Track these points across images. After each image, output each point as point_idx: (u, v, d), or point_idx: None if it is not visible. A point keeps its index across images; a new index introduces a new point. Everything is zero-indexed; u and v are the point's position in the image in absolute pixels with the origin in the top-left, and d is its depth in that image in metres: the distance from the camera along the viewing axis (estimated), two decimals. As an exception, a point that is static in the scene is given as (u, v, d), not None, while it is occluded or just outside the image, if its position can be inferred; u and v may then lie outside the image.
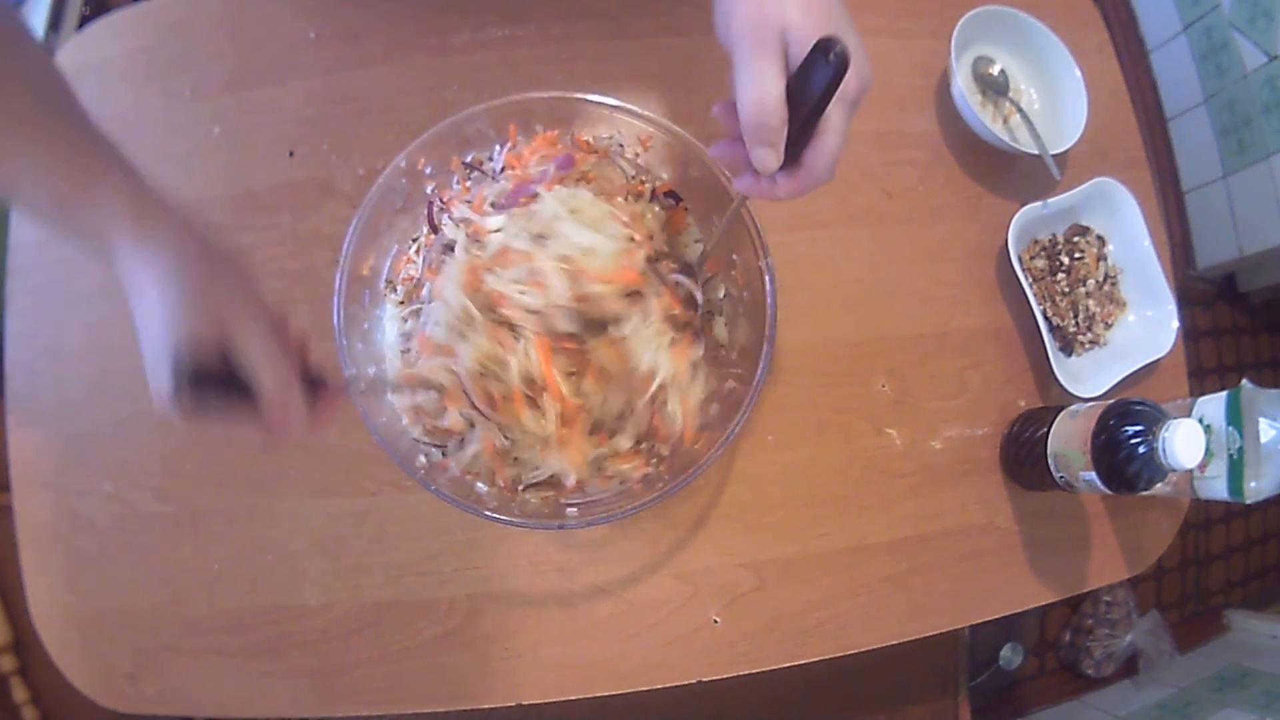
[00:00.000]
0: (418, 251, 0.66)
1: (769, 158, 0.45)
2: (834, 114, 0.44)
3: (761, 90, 0.42)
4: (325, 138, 0.74)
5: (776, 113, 0.43)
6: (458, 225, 0.61)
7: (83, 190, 0.44)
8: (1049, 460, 0.67)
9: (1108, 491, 0.62)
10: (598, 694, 0.66)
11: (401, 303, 0.65)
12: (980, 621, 0.71)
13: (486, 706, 0.66)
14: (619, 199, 0.63)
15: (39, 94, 0.45)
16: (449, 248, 0.62)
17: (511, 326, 0.56)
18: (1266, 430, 0.63)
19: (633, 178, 0.67)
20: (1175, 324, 0.76)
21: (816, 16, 0.43)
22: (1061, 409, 0.69)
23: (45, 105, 0.45)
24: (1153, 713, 1.37)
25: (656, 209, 0.66)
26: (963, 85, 0.75)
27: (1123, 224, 0.78)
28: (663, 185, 0.67)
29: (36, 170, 0.43)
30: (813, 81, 0.43)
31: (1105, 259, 0.79)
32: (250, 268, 0.47)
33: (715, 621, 0.68)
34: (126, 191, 0.44)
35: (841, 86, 0.43)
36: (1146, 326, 0.78)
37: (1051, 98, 0.81)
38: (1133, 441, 0.60)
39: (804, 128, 0.44)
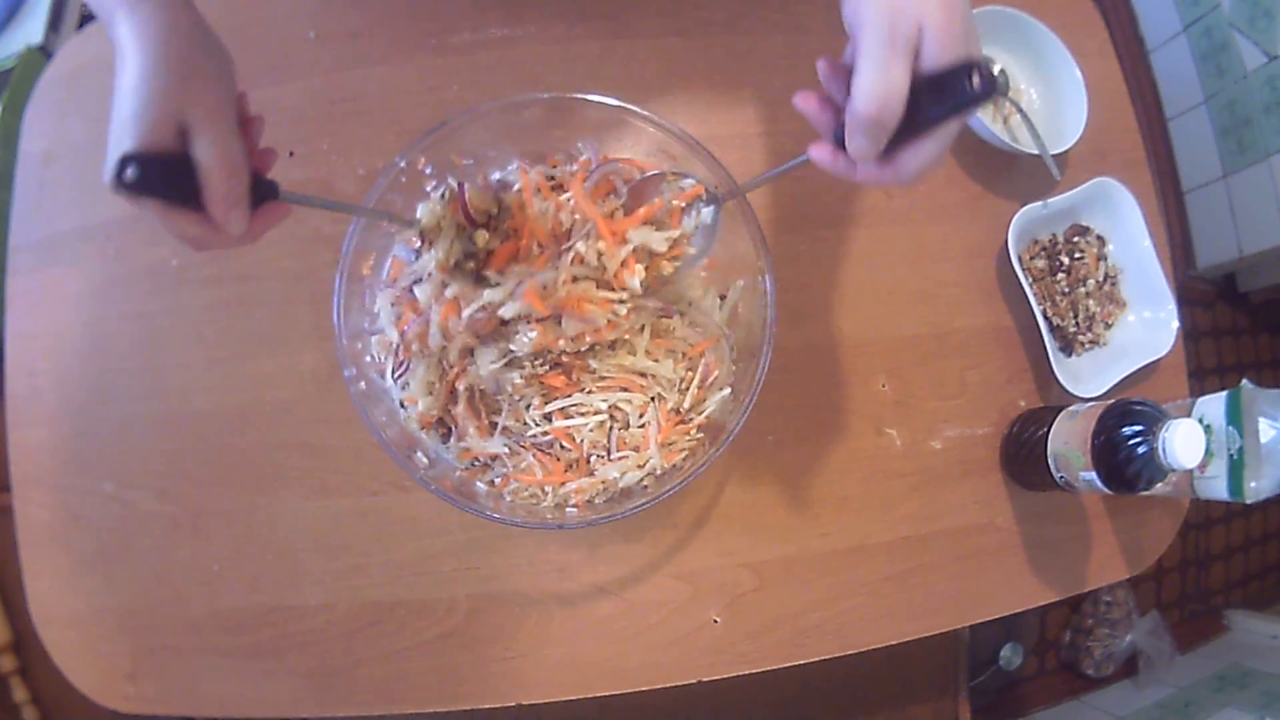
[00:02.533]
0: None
1: (868, 151, 0.42)
2: (947, 126, 0.42)
3: (887, 87, 0.40)
4: (325, 138, 0.74)
5: (895, 113, 0.40)
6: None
7: None
8: (1049, 460, 0.67)
9: (1108, 491, 0.62)
10: (598, 694, 0.66)
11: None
12: (980, 621, 0.71)
13: (486, 706, 0.66)
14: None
15: None
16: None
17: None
18: (1266, 430, 0.63)
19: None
20: (1175, 324, 0.76)
21: (957, 27, 0.40)
22: (1061, 409, 0.69)
23: None
24: (1153, 713, 1.37)
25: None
26: (963, 85, 0.75)
27: (1123, 224, 0.78)
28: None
29: None
30: (946, 97, 0.40)
31: (1105, 259, 0.79)
32: (232, 62, 0.47)
33: (715, 621, 0.68)
34: None
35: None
36: (1146, 326, 0.78)
37: (1051, 98, 0.81)
38: (1133, 441, 0.60)
39: (912, 132, 0.42)
